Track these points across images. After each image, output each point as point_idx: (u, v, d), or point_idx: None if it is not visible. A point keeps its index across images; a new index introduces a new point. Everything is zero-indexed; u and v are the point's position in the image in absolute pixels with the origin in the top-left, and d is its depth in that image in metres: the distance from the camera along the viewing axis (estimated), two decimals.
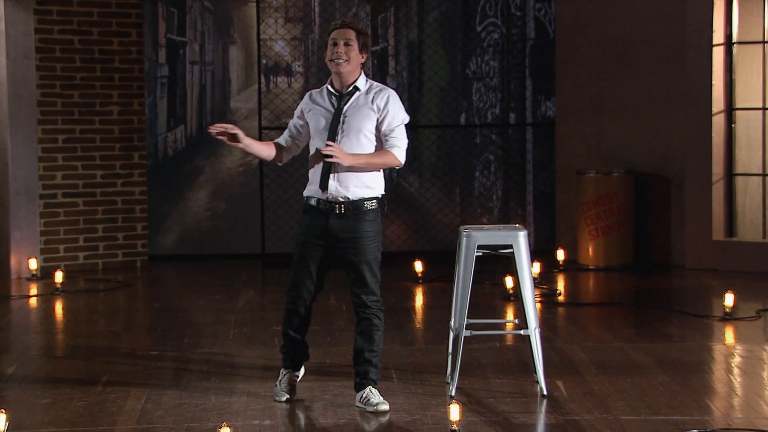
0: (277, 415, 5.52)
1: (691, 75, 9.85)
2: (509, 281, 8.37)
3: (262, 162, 10.57)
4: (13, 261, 9.61)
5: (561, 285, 9.25)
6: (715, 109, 9.82)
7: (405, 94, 10.82)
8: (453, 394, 5.78)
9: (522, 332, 5.84)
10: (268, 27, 10.70)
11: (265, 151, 5.83)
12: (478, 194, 10.91)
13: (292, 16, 10.81)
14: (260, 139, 10.59)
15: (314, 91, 5.81)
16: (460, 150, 10.89)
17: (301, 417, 5.49)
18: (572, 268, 9.97)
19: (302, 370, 5.99)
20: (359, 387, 5.69)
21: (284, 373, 5.85)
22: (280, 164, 6.00)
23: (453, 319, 5.95)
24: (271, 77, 10.79)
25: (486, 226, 5.99)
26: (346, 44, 5.62)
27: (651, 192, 10.17)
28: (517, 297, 8.02)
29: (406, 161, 5.79)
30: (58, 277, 9.00)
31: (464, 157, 10.88)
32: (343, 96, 5.65)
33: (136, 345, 7.14)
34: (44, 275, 9.54)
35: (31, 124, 9.69)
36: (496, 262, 6.39)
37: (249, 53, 10.86)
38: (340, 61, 5.59)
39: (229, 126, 5.68)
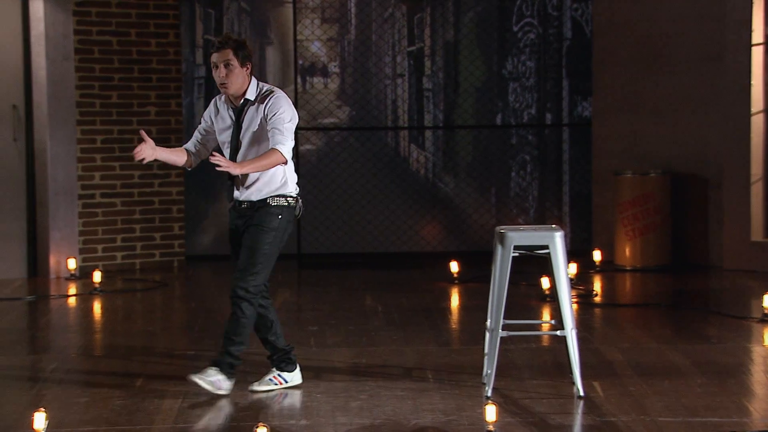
0: (314, 415, 5.53)
1: (730, 74, 9.78)
2: (545, 282, 8.35)
3: (298, 162, 10.59)
4: (52, 261, 9.69)
5: (597, 286, 9.22)
6: (754, 109, 9.75)
7: (441, 94, 10.81)
8: (489, 394, 5.78)
9: (558, 333, 5.82)
10: (304, 28, 10.73)
11: (176, 158, 5.99)
12: (514, 195, 10.88)
13: (329, 17, 10.83)
14: (297, 139, 10.62)
15: (218, 98, 5.97)
16: (496, 150, 10.87)
17: (338, 417, 5.50)
18: (609, 268, 9.93)
19: (295, 375, 6.04)
20: (212, 363, 5.85)
21: (270, 371, 6.06)
22: (189, 169, 6.11)
23: (489, 320, 5.94)
24: (308, 78, 10.82)
25: (522, 227, 5.98)
26: (227, 66, 5.78)
27: (688, 192, 10.11)
28: (553, 298, 8.00)
29: (440, 161, 5.84)
30: (96, 276, 9.06)
31: (500, 158, 10.86)
32: (237, 109, 5.84)
33: (174, 345, 7.18)
34: (82, 275, 9.61)
35: (70, 124, 9.77)
36: (532, 263, 6.38)
37: (285, 54, 10.89)
38: (225, 84, 5.77)
39: (145, 141, 5.80)
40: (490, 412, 5.19)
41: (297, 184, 5.93)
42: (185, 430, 5.39)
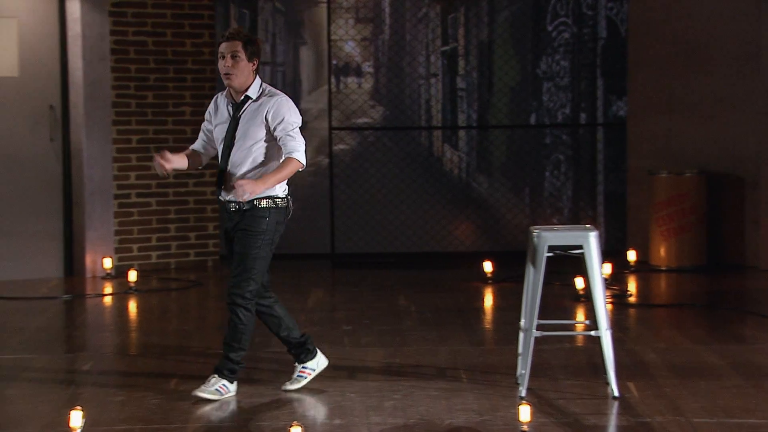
0: (347, 415, 5.54)
1: (766, 73, 9.70)
2: (579, 282, 8.32)
3: (331, 162, 10.62)
4: (88, 260, 9.76)
5: (632, 286, 9.18)
6: None
7: (474, 93, 10.80)
8: (523, 394, 5.76)
9: (593, 333, 5.80)
10: (338, 28, 10.74)
11: (190, 162, 5.99)
12: (548, 194, 10.85)
13: (363, 17, 10.84)
14: (330, 139, 10.65)
15: (219, 95, 5.97)
16: (530, 150, 10.84)
17: (371, 416, 5.51)
18: (643, 269, 9.88)
19: (319, 360, 6.07)
20: (213, 370, 5.86)
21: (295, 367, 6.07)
22: (200, 168, 6.11)
23: (523, 320, 5.93)
24: (341, 78, 10.84)
25: (556, 227, 5.96)
26: (233, 57, 5.76)
27: (724, 192, 10.05)
28: (587, 298, 7.98)
29: (474, 161, 5.84)
30: (132, 276, 9.12)
31: (534, 158, 10.84)
32: (237, 105, 5.82)
33: (208, 344, 7.21)
34: (118, 274, 9.67)
35: (106, 125, 9.83)
36: (567, 263, 6.36)
37: (319, 54, 10.91)
38: (230, 74, 5.75)
39: (168, 165, 5.81)
40: (524, 413, 5.18)
41: (288, 184, 5.89)
42: (220, 429, 5.42)
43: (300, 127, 5.83)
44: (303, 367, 6.00)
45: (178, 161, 5.91)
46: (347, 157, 10.83)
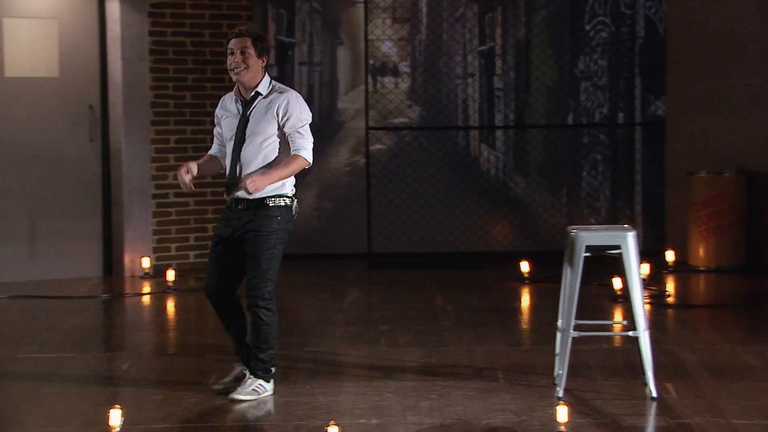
0: (384, 414, 5.55)
1: None
2: (617, 282, 8.28)
3: (368, 162, 10.63)
4: (127, 260, 9.82)
5: (670, 286, 9.13)
6: None
7: (512, 93, 10.78)
8: (560, 395, 5.75)
9: (631, 334, 5.78)
10: (375, 27, 10.75)
11: (213, 167, 5.96)
12: (586, 194, 10.81)
13: (400, 17, 10.84)
14: (367, 139, 10.66)
15: (227, 96, 5.95)
16: (568, 150, 10.80)
17: (408, 417, 5.51)
18: (682, 269, 9.82)
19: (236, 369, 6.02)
20: (249, 372, 5.87)
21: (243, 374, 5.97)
22: (221, 171, 6.05)
23: (560, 320, 5.91)
24: (378, 78, 10.85)
25: (594, 227, 5.94)
26: (243, 52, 5.76)
27: (763, 192, 9.97)
28: (625, 298, 7.94)
29: (511, 161, 5.81)
30: (170, 275, 9.17)
31: (571, 157, 10.80)
32: (247, 102, 5.80)
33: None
34: (156, 274, 9.73)
35: (144, 125, 9.89)
36: (604, 263, 6.34)
37: (356, 54, 10.93)
38: (239, 70, 5.74)
39: (187, 176, 5.76)
40: (562, 413, 5.16)
41: (293, 185, 5.88)
42: (257, 428, 5.44)
43: (310, 124, 5.82)
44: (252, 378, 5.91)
45: (201, 169, 5.87)
46: (384, 157, 10.84)
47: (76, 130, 9.79)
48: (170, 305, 8.67)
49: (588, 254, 5.76)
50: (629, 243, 5.71)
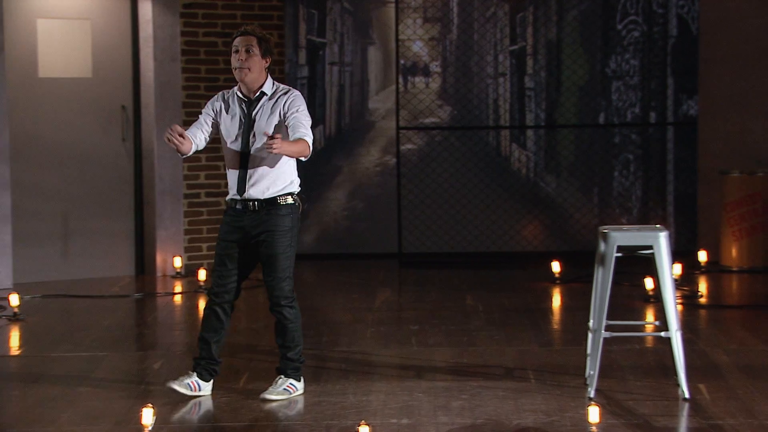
0: (415, 414, 5.55)
1: None
2: (649, 282, 8.25)
3: (399, 162, 10.62)
4: (159, 259, 9.87)
5: (703, 287, 9.08)
6: None
7: (543, 93, 10.75)
8: (592, 395, 5.73)
9: (663, 334, 5.75)
10: (406, 27, 10.75)
11: (185, 145, 5.80)
12: (617, 194, 10.77)
13: (431, 17, 10.84)
14: (398, 139, 10.66)
15: (226, 93, 5.92)
16: (599, 149, 10.77)
17: (439, 417, 5.51)
18: (714, 269, 9.77)
19: (208, 387, 5.91)
20: (276, 372, 5.90)
21: (189, 374, 5.89)
22: (182, 156, 5.95)
23: (592, 320, 5.89)
24: (409, 77, 10.85)
25: (626, 227, 5.92)
26: (248, 51, 5.75)
27: None
28: (657, 299, 7.91)
29: (542, 160, 5.79)
30: (201, 275, 9.20)
31: (603, 157, 10.76)
32: (251, 102, 5.79)
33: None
34: (188, 273, 9.77)
35: (176, 125, 9.92)
36: (636, 263, 6.31)
37: (387, 54, 10.93)
38: (244, 68, 5.74)
39: (178, 131, 5.67)
40: (593, 414, 5.15)
41: (300, 185, 5.88)
42: (288, 428, 5.45)
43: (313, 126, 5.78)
44: (196, 381, 5.88)
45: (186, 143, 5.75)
46: (415, 157, 10.84)
47: (108, 130, 9.85)
48: (201, 304, 8.70)
49: (619, 254, 5.74)
50: (662, 243, 5.69)
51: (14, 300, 8.04)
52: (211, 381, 5.94)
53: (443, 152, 10.82)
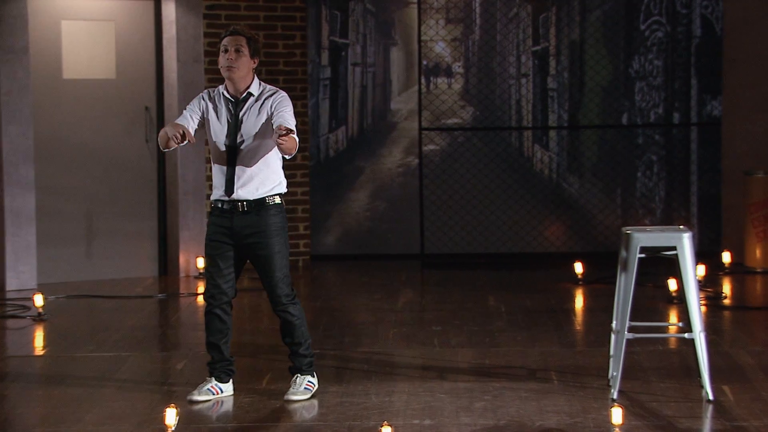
0: (437, 415, 5.55)
1: None
2: (672, 284, 8.22)
3: (421, 162, 10.62)
4: (182, 259, 9.90)
5: (726, 288, 9.04)
6: None
7: (565, 93, 10.73)
8: (615, 397, 5.71)
9: (686, 336, 5.73)
10: (429, 28, 10.75)
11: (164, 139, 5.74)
12: (640, 195, 10.74)
13: (453, 17, 10.83)
14: (420, 140, 10.65)
15: (211, 91, 5.90)
16: (622, 150, 10.73)
17: (461, 418, 5.51)
18: (738, 270, 9.72)
19: (229, 387, 5.92)
20: (290, 372, 5.91)
21: (207, 380, 5.90)
22: (164, 151, 5.88)
23: (615, 321, 5.88)
24: (432, 78, 10.85)
25: (649, 228, 5.90)
26: (237, 50, 5.75)
27: None
28: (680, 300, 7.87)
29: (565, 161, 5.77)
30: None
31: (626, 158, 10.73)
32: (238, 102, 5.78)
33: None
34: None
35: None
36: (659, 264, 6.29)
37: (410, 54, 10.93)
38: (232, 67, 5.73)
39: (179, 134, 5.61)
40: (617, 415, 5.13)
41: (286, 185, 5.87)
42: (311, 428, 5.46)
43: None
44: (216, 384, 5.89)
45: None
46: (437, 158, 10.84)
47: (132, 131, 9.89)
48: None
49: (643, 255, 5.72)
50: (685, 244, 5.67)
51: (39, 300, 8.08)
52: (231, 381, 5.95)
53: (465, 153, 10.81)
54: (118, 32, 9.79)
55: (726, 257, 9.77)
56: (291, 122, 5.68)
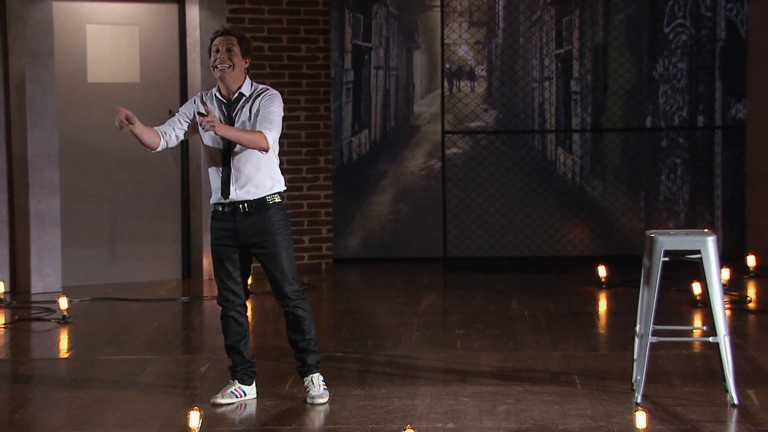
0: (461, 419, 5.54)
1: None
2: (697, 287, 8.18)
3: (444, 166, 10.62)
4: (205, 262, 9.93)
5: (751, 292, 8.99)
6: None
7: (589, 97, 10.70)
8: (639, 401, 5.70)
9: (711, 340, 5.71)
10: (452, 31, 10.75)
11: (148, 137, 5.82)
12: (664, 198, 10.70)
13: (476, 21, 10.83)
14: (443, 143, 10.65)
15: (204, 94, 5.91)
16: (646, 153, 10.70)
17: (485, 421, 5.50)
18: (763, 274, 9.67)
19: (253, 389, 5.93)
20: (301, 374, 5.89)
21: (230, 383, 5.91)
22: (152, 151, 5.94)
23: (638, 325, 5.86)
24: (455, 81, 10.84)
25: (673, 231, 5.88)
26: (228, 50, 5.75)
27: None
28: (705, 303, 7.83)
29: (588, 164, 5.75)
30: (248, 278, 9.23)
31: (650, 161, 10.69)
32: (231, 103, 5.78)
33: (321, 346, 7.23)
34: None
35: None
36: (683, 268, 6.27)
37: (432, 58, 10.94)
38: (224, 67, 5.74)
39: (125, 113, 5.64)
40: (640, 419, 5.12)
41: (285, 184, 5.88)
42: (333, 431, 5.46)
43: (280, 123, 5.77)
44: (239, 387, 5.90)
45: (139, 127, 5.75)
46: (460, 161, 10.83)
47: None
48: (247, 308, 8.73)
49: (666, 259, 5.70)
50: (709, 248, 5.64)
51: (63, 303, 8.12)
52: (254, 383, 5.96)
53: (488, 156, 10.80)
54: (142, 36, 9.83)
55: (751, 260, 9.72)
56: (272, 118, 5.69)
